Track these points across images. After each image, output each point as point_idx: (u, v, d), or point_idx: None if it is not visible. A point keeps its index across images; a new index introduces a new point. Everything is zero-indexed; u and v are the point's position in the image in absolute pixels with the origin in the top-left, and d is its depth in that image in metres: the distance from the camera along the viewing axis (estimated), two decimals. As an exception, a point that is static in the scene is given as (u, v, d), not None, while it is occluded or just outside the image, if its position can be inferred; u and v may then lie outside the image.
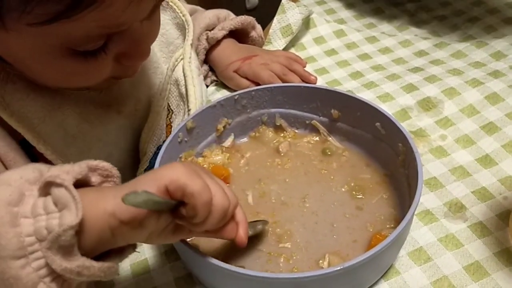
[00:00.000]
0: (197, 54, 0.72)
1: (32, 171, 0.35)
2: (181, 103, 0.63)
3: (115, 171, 0.39)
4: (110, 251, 0.37)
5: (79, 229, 0.33)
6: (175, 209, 0.38)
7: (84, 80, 0.49)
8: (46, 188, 0.34)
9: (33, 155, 0.51)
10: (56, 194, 0.33)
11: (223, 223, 0.41)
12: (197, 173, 0.38)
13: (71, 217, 0.32)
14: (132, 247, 0.39)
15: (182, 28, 0.67)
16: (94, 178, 0.38)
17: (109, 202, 0.35)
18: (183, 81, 0.62)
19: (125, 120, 0.59)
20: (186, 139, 0.57)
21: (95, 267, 0.34)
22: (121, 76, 0.52)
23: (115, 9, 0.40)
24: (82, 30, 0.41)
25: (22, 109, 0.49)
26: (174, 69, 0.63)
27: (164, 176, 0.37)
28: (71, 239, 0.32)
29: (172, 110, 0.64)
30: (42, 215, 0.33)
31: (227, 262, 0.42)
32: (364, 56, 0.81)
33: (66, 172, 0.34)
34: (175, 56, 0.63)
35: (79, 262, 0.33)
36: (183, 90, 0.62)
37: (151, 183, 0.36)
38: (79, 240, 0.33)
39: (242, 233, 0.43)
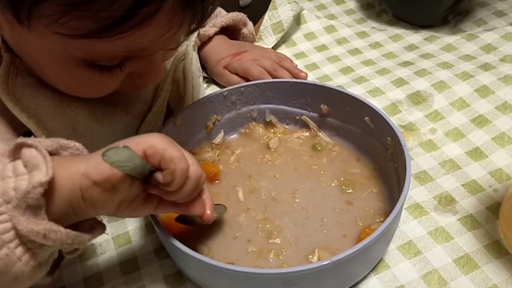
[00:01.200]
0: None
1: (2, 145, 0.35)
2: (181, 104, 0.62)
3: (86, 152, 0.39)
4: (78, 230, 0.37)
5: (49, 190, 0.33)
6: (147, 178, 0.38)
7: (93, 90, 0.48)
8: (17, 151, 0.34)
9: None
10: (26, 155, 0.33)
11: (195, 194, 0.43)
12: (174, 143, 0.40)
13: (41, 175, 0.32)
14: (101, 228, 0.39)
15: None
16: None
17: (81, 164, 0.35)
18: (183, 81, 0.62)
19: (133, 120, 0.58)
20: (175, 136, 0.56)
21: (62, 232, 0.33)
22: (128, 91, 0.52)
23: (147, 39, 0.40)
24: (109, 50, 0.41)
25: (32, 105, 0.48)
26: (175, 70, 0.62)
27: (142, 142, 0.37)
28: (39, 198, 0.32)
29: (173, 111, 0.63)
30: (10, 177, 0.33)
31: (216, 259, 0.42)
32: (355, 51, 0.81)
33: (37, 141, 0.35)
34: (176, 56, 0.62)
35: (46, 226, 0.33)
36: (183, 90, 0.62)
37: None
38: (48, 204, 0.33)
39: (209, 211, 0.44)
